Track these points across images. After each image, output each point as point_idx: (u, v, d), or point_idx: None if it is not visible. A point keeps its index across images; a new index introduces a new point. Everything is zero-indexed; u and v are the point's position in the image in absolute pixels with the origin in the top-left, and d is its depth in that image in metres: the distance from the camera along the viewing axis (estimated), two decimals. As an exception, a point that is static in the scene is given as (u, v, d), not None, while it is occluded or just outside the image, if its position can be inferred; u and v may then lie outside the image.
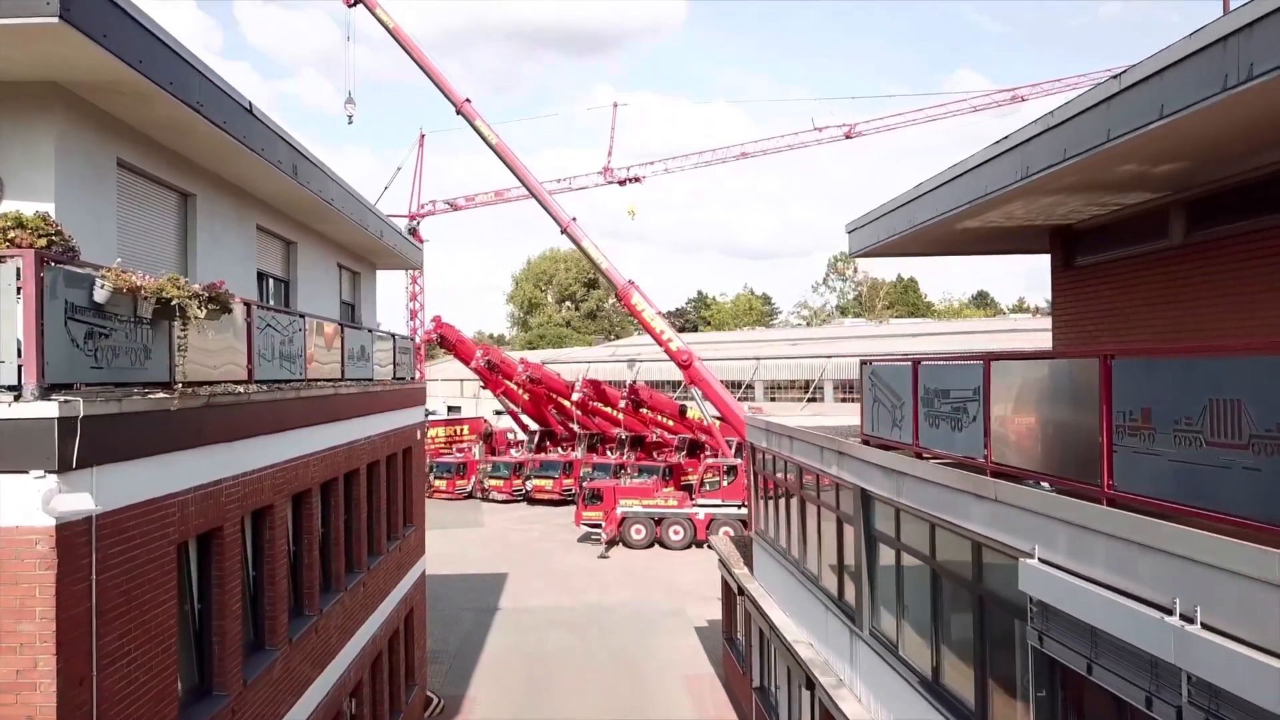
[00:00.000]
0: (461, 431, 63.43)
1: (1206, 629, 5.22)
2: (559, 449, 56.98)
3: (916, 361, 10.39)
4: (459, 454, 58.18)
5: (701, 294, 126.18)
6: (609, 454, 53.30)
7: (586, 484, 45.17)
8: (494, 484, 53.86)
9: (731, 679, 22.60)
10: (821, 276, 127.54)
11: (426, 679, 22.17)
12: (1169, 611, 5.52)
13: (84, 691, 6.69)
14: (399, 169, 67.67)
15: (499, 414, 64.49)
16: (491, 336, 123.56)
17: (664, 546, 40.85)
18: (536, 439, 58.16)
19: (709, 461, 44.07)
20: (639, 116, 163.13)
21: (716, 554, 23.12)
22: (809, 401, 63.18)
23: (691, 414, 50.17)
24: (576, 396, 52.91)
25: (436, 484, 54.77)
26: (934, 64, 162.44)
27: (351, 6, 45.27)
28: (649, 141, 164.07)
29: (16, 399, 6.33)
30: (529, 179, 44.50)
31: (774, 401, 64.74)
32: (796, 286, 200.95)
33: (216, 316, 8.93)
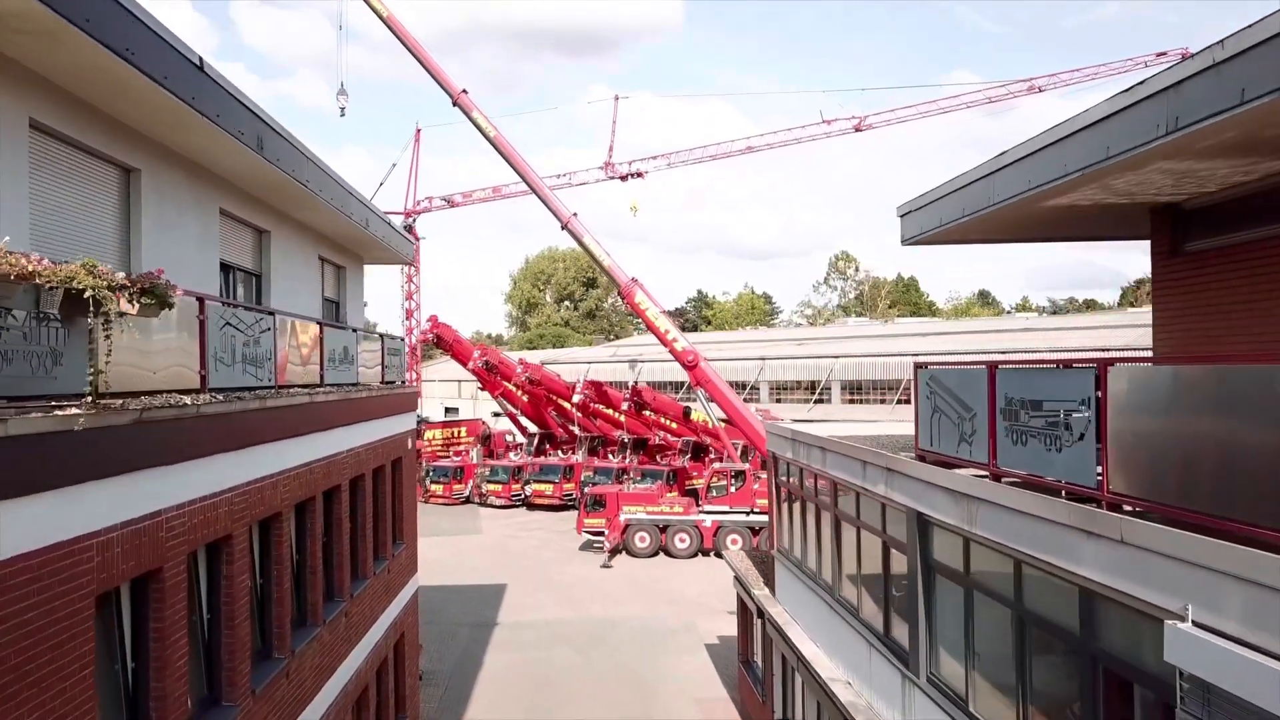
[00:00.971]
0: (459, 434, 61.76)
1: None
2: (559, 452, 55.27)
3: (993, 365, 8.75)
4: (456, 458, 56.52)
5: (702, 293, 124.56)
6: (611, 457, 51.66)
7: (588, 490, 43.51)
8: (492, 489, 52.18)
9: (749, 706, 20.94)
10: (822, 276, 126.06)
11: (419, 708, 20.52)
12: None
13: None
14: (394, 165, 66.00)
15: (497, 416, 62.80)
16: (490, 336, 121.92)
17: (669, 555, 39.21)
18: (536, 442, 56.42)
19: (715, 466, 42.41)
20: (639, 116, 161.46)
21: (731, 570, 21.48)
22: (816, 403, 61.54)
23: (696, 416, 48.58)
24: (577, 398, 51.27)
25: (433, 489, 53.16)
26: (931, 65, 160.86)
27: (343, -6, 43.65)
28: (649, 141, 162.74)
29: None
30: (528, 173, 42.84)
31: (779, 403, 63.09)
32: (795, 287, 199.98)
33: (153, 312, 7.27)
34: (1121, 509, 6.70)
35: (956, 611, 9.67)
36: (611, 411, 52.42)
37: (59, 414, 6.05)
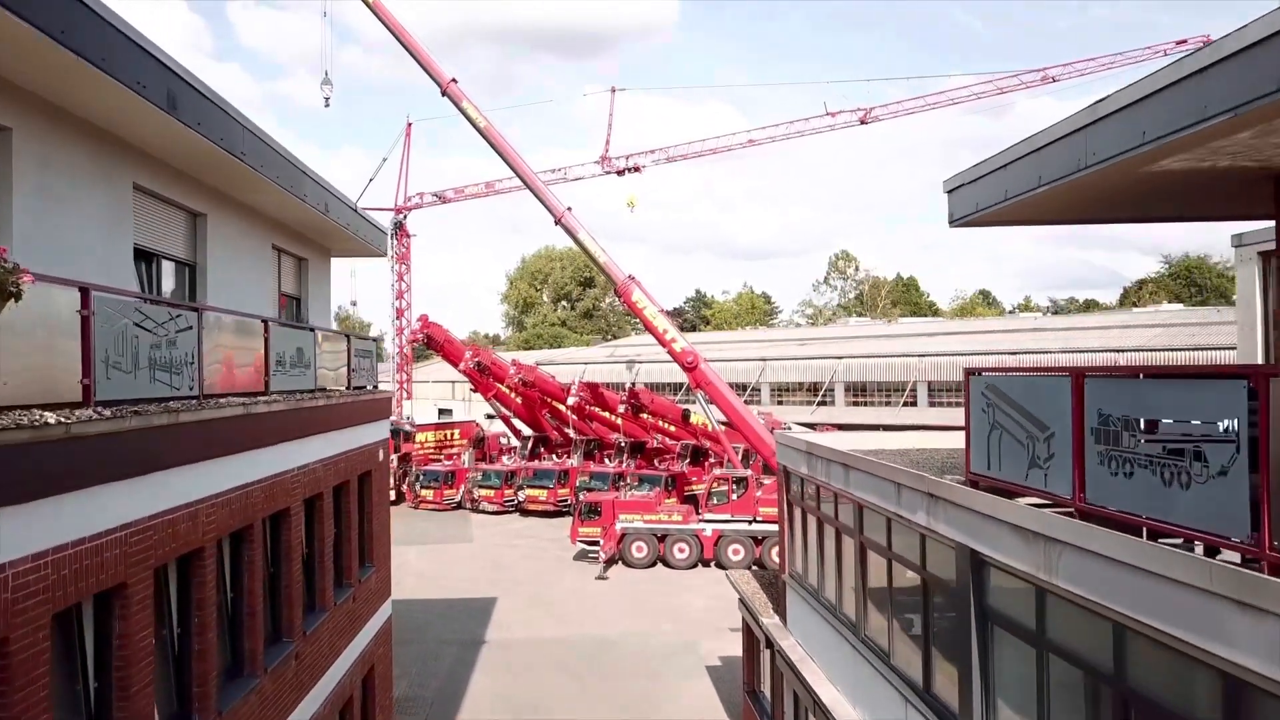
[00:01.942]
0: (452, 436, 59.91)
1: None
2: (554, 456, 53.39)
3: (1080, 372, 6.93)
4: (447, 462, 54.66)
5: (700, 293, 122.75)
6: (607, 462, 49.89)
7: (583, 497, 41.70)
8: (484, 494, 50.28)
9: (755, 741, 19.12)
10: (822, 275, 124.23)
11: (394, 744, 18.70)
12: None
13: None
14: (384, 159, 64.02)
15: (491, 418, 60.93)
16: (486, 337, 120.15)
17: (667, 565, 37.39)
18: (530, 445, 54.51)
19: (716, 473, 40.59)
20: (635, 116, 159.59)
21: (736, 592, 19.65)
22: (819, 405, 59.75)
23: (695, 419, 46.82)
24: (572, 401, 49.48)
25: (423, 494, 51.35)
26: (927, 66, 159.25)
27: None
28: (646, 140, 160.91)
29: None
30: (520, 165, 41.00)
31: (781, 405, 61.35)
32: (793, 287, 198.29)
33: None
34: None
35: (1024, 675, 7.84)
36: (608, 414, 50.64)
37: None
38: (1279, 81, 4.96)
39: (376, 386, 17.57)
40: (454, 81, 41.32)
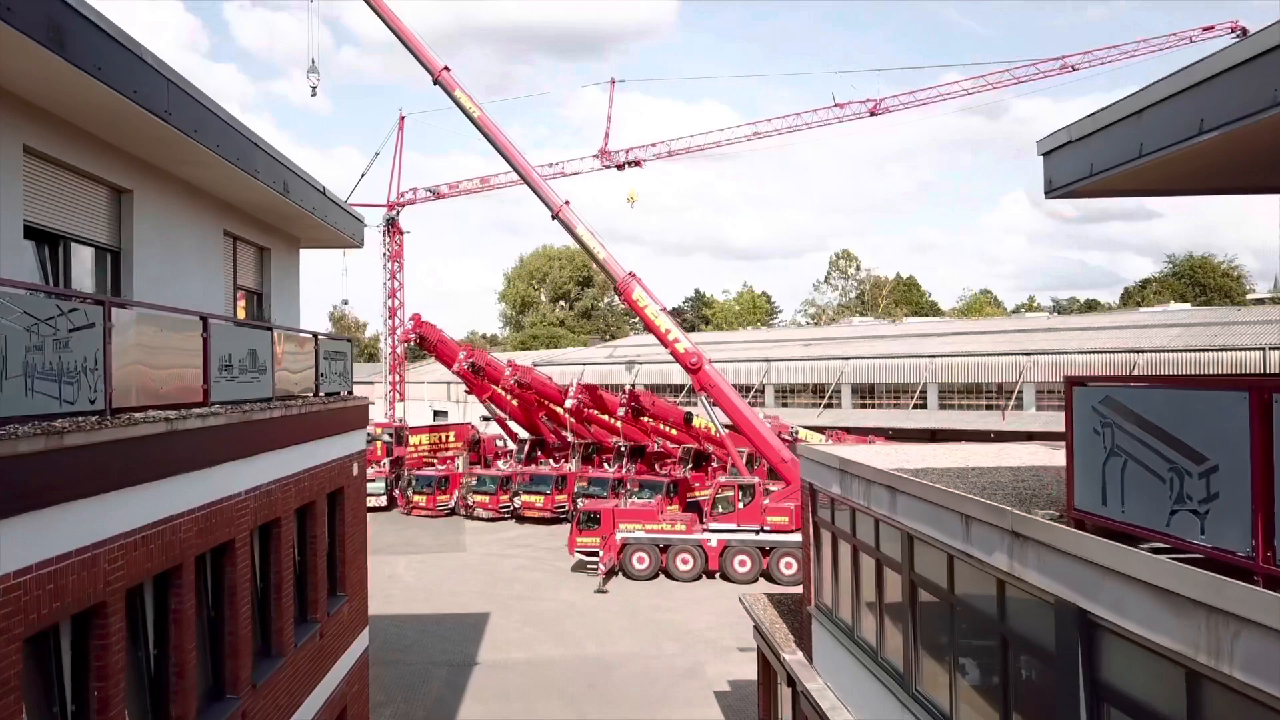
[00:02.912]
0: (446, 439, 58.05)
1: None
2: (551, 460, 51.48)
3: (1264, 388, 5.07)
4: (441, 466, 52.77)
5: (700, 293, 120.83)
6: (606, 466, 48.04)
7: (582, 505, 39.80)
8: (479, 500, 48.34)
9: (773, 784, 17.27)
10: (822, 275, 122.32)
11: (371, 789, 16.83)
12: None
13: None
14: (377, 154, 62.20)
15: (487, 420, 59.03)
16: (484, 337, 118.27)
17: (670, 577, 35.48)
18: (526, 449, 52.55)
19: (721, 480, 38.70)
20: (634, 116, 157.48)
21: (751, 619, 17.79)
22: (826, 407, 57.90)
23: (698, 422, 44.99)
24: (570, 403, 47.59)
25: (415, 500, 49.47)
26: (923, 65, 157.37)
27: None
28: (643, 138, 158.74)
29: None
30: (515, 156, 39.17)
31: (786, 407, 59.51)
32: (792, 287, 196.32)
33: None
34: None
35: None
36: (607, 417, 48.78)
37: None
38: None
39: (351, 392, 15.70)
40: (446, 69, 39.51)
